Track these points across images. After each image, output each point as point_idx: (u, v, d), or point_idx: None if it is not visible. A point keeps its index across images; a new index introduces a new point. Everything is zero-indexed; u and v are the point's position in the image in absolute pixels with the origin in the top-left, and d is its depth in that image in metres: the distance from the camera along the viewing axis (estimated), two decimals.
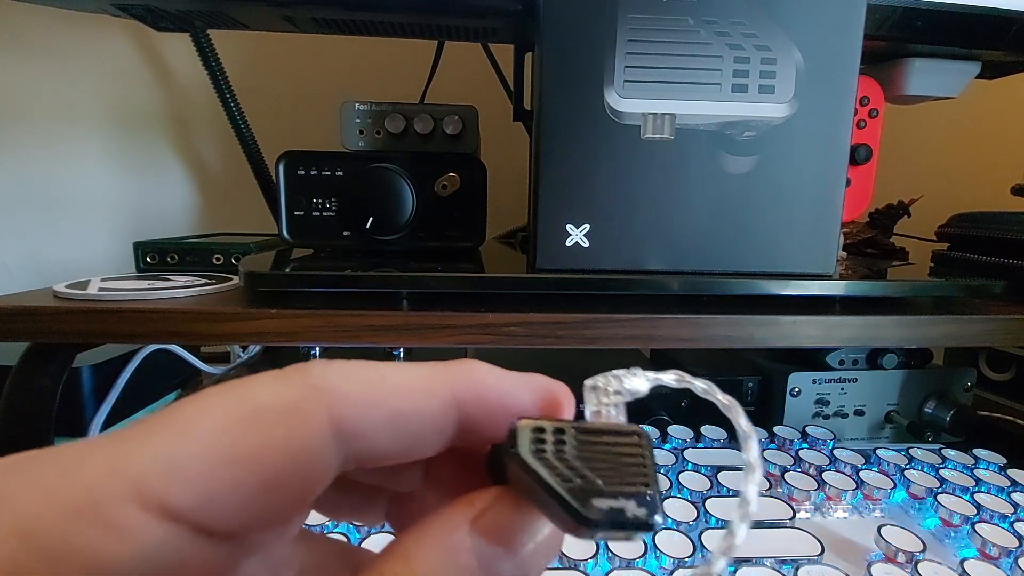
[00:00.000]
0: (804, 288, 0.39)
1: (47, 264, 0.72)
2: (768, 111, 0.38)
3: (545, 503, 0.12)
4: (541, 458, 0.12)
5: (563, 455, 0.12)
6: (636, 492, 0.12)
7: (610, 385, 0.14)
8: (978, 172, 0.79)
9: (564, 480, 0.11)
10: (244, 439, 0.12)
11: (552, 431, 0.12)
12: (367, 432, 0.13)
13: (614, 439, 0.12)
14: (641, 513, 0.11)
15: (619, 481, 0.12)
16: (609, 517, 0.11)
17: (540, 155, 0.38)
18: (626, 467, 0.12)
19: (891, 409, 0.53)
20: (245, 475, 0.12)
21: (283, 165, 0.45)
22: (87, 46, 0.69)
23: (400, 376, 0.14)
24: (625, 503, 0.11)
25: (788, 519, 0.38)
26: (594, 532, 0.11)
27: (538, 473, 0.11)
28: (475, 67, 0.60)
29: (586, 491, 0.11)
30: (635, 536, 0.12)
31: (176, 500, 0.11)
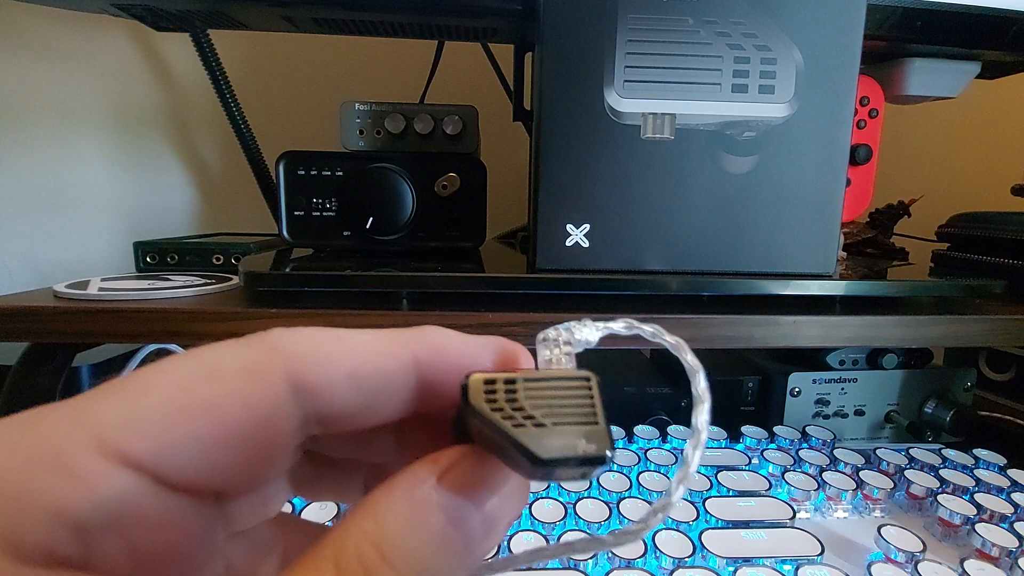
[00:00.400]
0: (804, 288, 0.39)
1: (47, 264, 0.72)
2: (768, 111, 0.38)
3: (503, 450, 0.12)
4: (493, 407, 0.12)
5: (515, 403, 0.12)
6: (585, 429, 0.12)
7: (560, 336, 0.14)
8: (978, 172, 0.79)
9: (516, 424, 0.12)
10: (200, 392, 0.12)
11: (502, 381, 0.13)
12: (325, 389, 0.13)
13: (563, 383, 0.13)
14: (591, 448, 0.12)
15: (569, 421, 0.12)
16: (560, 453, 0.12)
17: (540, 155, 0.38)
18: (576, 408, 0.12)
19: (891, 409, 0.53)
20: (202, 426, 0.12)
21: (283, 165, 0.45)
22: (87, 46, 0.69)
23: (358, 338, 0.14)
24: (575, 440, 0.12)
25: (788, 519, 0.38)
26: (549, 470, 0.12)
27: (490, 420, 0.12)
28: (475, 67, 0.60)
29: (537, 433, 0.12)
30: (590, 472, 0.12)
31: (135, 448, 0.11)
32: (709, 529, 0.36)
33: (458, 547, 0.12)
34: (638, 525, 0.13)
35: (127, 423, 0.12)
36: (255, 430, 0.13)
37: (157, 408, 0.12)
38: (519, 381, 0.13)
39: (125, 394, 0.12)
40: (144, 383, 0.12)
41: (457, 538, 0.12)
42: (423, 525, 0.12)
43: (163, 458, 0.12)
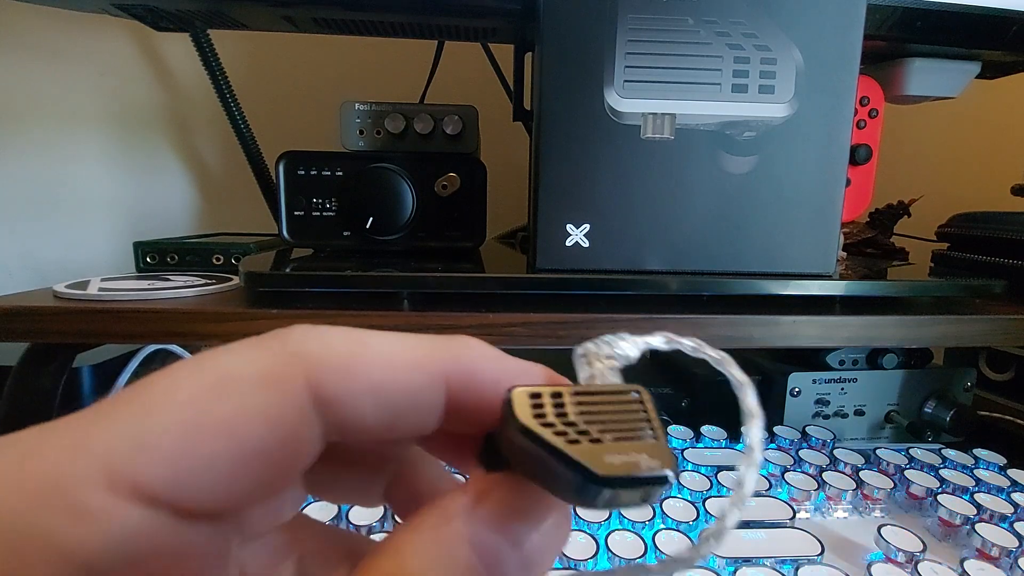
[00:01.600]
0: (804, 288, 0.39)
1: (47, 264, 0.72)
2: (768, 111, 0.38)
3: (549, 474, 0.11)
4: (542, 423, 0.11)
5: (564, 417, 0.11)
6: (645, 446, 0.11)
7: (601, 350, 0.13)
8: (978, 172, 0.79)
9: (569, 440, 0.11)
10: (216, 408, 0.11)
11: (549, 395, 0.11)
12: (348, 402, 0.12)
13: (614, 398, 0.12)
14: (655, 465, 0.11)
15: (626, 435, 0.11)
16: (622, 472, 0.10)
17: (540, 155, 0.38)
18: (631, 421, 0.11)
19: (891, 409, 0.53)
20: (220, 446, 0.11)
21: (283, 165, 0.45)
22: (87, 46, 0.69)
23: (385, 345, 0.12)
24: (637, 456, 0.11)
25: (788, 519, 0.38)
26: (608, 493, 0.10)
27: (540, 436, 0.11)
28: (475, 67, 0.60)
29: (593, 449, 0.10)
30: (651, 495, 0.11)
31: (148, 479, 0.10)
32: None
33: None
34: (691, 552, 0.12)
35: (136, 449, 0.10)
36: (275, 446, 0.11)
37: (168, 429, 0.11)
38: (566, 395, 0.11)
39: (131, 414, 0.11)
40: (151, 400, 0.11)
41: None
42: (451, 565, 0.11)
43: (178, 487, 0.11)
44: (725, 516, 0.12)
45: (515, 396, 0.11)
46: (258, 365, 0.12)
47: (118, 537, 0.10)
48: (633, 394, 0.12)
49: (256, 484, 0.12)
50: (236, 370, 0.11)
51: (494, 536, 0.11)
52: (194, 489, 0.11)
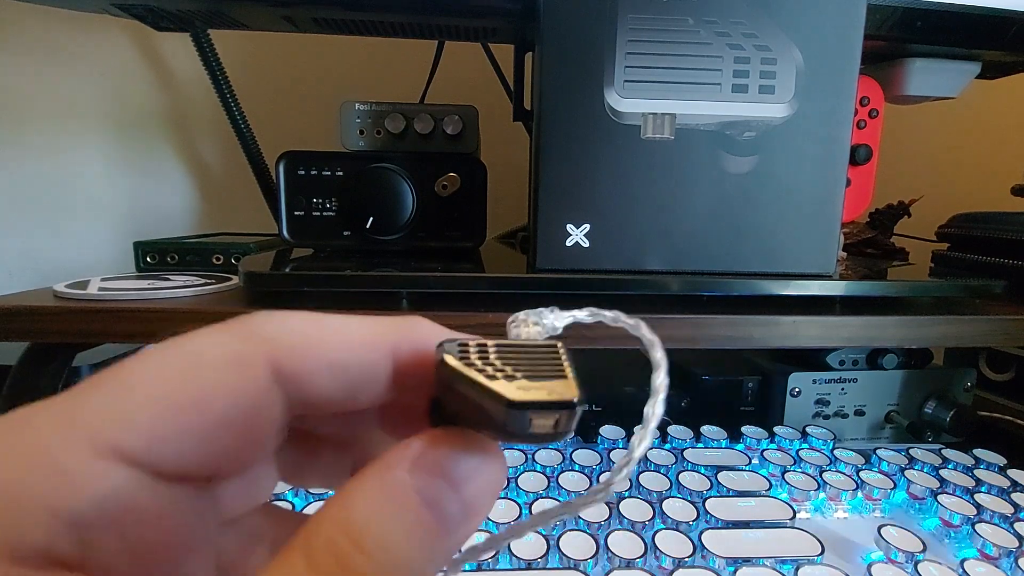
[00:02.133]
0: (804, 288, 0.39)
1: (47, 264, 0.72)
2: (768, 111, 0.38)
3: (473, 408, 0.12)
4: (466, 363, 0.12)
5: (486, 360, 0.13)
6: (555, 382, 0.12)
7: (530, 318, 0.16)
8: (978, 172, 0.79)
9: (488, 376, 0.12)
10: (187, 387, 0.12)
11: (475, 344, 0.13)
12: (306, 378, 0.13)
13: (534, 348, 0.14)
14: (559, 391, 0.12)
15: (540, 375, 0.12)
16: (530, 397, 0.12)
17: (540, 155, 0.38)
18: (545, 366, 0.13)
19: (891, 409, 0.53)
20: (191, 419, 0.12)
21: (283, 165, 0.45)
22: (87, 46, 0.69)
23: (340, 326, 0.14)
24: (547, 385, 0.12)
25: (788, 519, 0.38)
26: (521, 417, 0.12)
27: (463, 373, 0.12)
28: (475, 67, 0.60)
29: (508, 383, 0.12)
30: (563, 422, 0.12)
31: (128, 443, 0.11)
32: (709, 529, 0.36)
33: (436, 531, 0.12)
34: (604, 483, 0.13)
35: (118, 419, 0.12)
36: (241, 418, 0.13)
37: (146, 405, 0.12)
38: (490, 345, 0.13)
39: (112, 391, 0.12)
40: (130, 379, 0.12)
41: (434, 521, 0.12)
42: (397, 509, 0.12)
43: (155, 451, 0.12)
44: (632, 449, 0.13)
45: (446, 345, 0.13)
46: (223, 347, 0.13)
47: (102, 495, 0.11)
48: (551, 346, 0.14)
49: (227, 451, 0.13)
50: (205, 352, 0.13)
51: (436, 480, 0.12)
52: (170, 453, 0.12)
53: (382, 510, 0.12)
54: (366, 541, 0.11)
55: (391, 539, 0.11)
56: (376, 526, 0.11)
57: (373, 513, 0.11)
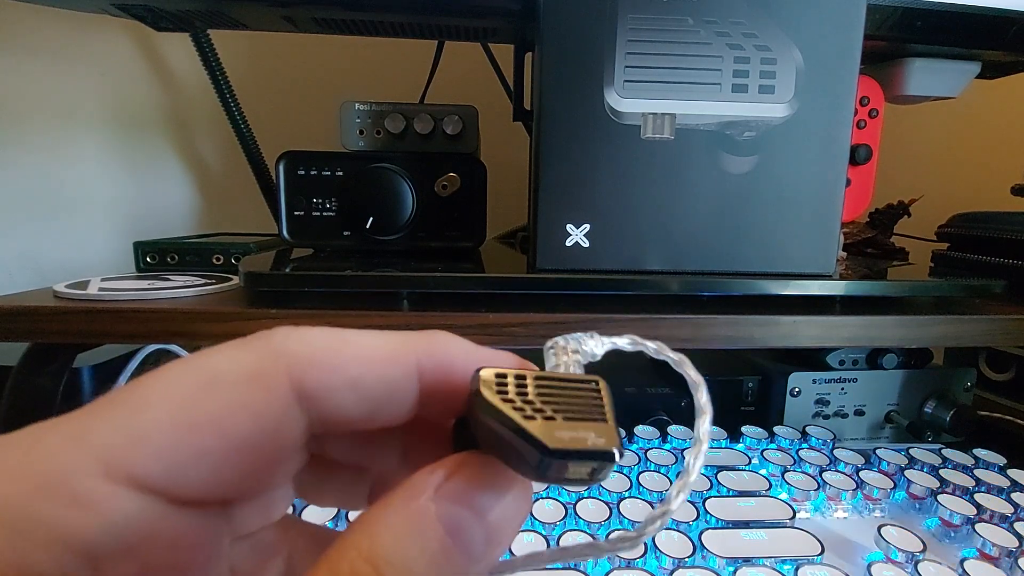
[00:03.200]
0: (804, 288, 0.39)
1: (47, 264, 0.72)
2: (768, 111, 0.38)
3: (507, 447, 0.12)
4: (504, 399, 0.12)
5: (525, 396, 0.12)
6: (595, 426, 0.12)
7: (569, 345, 0.15)
8: (978, 172, 0.79)
9: (525, 416, 0.12)
10: (205, 405, 0.12)
11: (514, 376, 0.12)
12: (329, 396, 0.13)
13: (574, 384, 0.13)
14: (601, 442, 0.12)
15: (579, 417, 0.12)
16: (569, 445, 0.11)
17: (540, 155, 0.38)
18: (585, 407, 0.12)
19: (891, 409, 0.53)
20: (209, 441, 0.12)
21: (283, 165, 0.45)
22: (87, 46, 0.69)
23: (364, 342, 0.13)
24: (585, 434, 0.12)
25: (788, 519, 0.38)
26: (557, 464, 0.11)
27: (499, 410, 0.12)
28: (475, 67, 0.60)
29: (546, 425, 0.12)
30: (598, 471, 0.12)
31: (143, 470, 0.11)
32: (709, 529, 0.36)
33: (459, 560, 0.12)
34: (636, 532, 0.13)
35: (132, 443, 0.11)
36: (262, 439, 0.12)
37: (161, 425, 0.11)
38: (529, 378, 0.12)
39: (127, 411, 0.12)
40: (145, 397, 0.12)
41: (457, 550, 0.12)
42: (420, 538, 0.11)
43: (171, 477, 0.11)
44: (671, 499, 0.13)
45: (482, 375, 0.12)
46: (244, 364, 0.12)
47: (115, 523, 0.11)
48: (592, 383, 0.13)
49: (245, 475, 0.12)
50: (223, 369, 0.12)
51: (460, 509, 0.12)
52: (187, 479, 0.12)
53: (406, 539, 0.11)
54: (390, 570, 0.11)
55: (415, 568, 0.11)
56: (400, 555, 0.11)
57: (397, 542, 0.11)
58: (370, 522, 0.12)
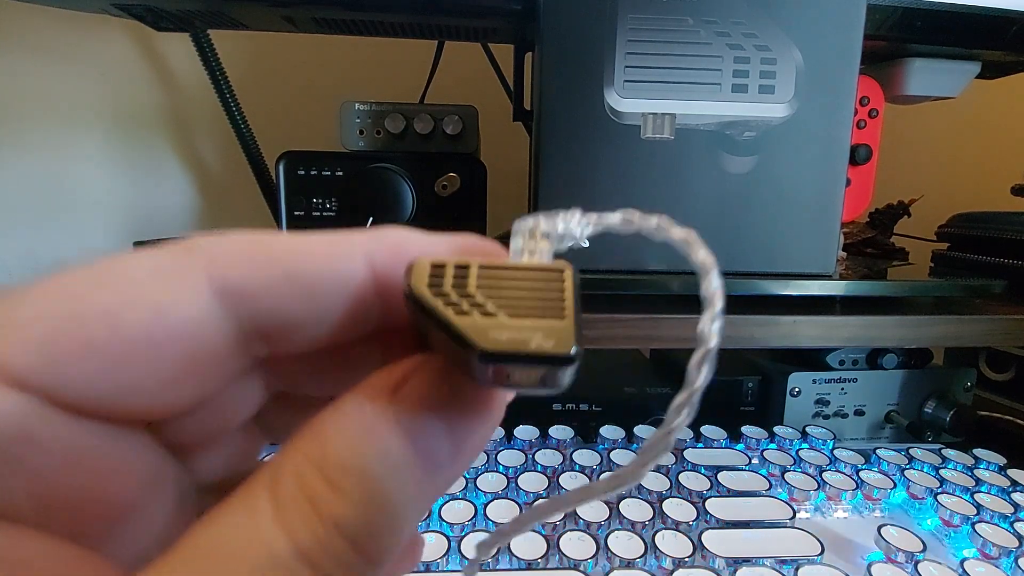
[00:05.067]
0: (804, 288, 0.39)
1: (47, 264, 0.72)
2: (768, 111, 0.38)
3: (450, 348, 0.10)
4: (436, 292, 0.10)
5: (463, 289, 0.10)
6: (545, 324, 0.10)
7: (539, 227, 0.12)
8: (978, 172, 0.79)
9: (458, 311, 0.10)
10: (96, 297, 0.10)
11: (454, 266, 0.10)
12: (259, 293, 0.11)
13: (529, 274, 0.11)
14: (548, 344, 0.10)
15: (527, 312, 0.10)
16: (507, 347, 0.09)
17: (540, 155, 0.38)
18: (539, 301, 0.10)
19: (891, 409, 0.53)
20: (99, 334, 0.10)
21: (283, 165, 0.45)
22: (87, 46, 0.69)
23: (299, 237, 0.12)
24: (530, 334, 0.10)
25: (788, 519, 0.38)
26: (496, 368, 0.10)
27: (428, 305, 0.10)
28: (475, 67, 0.60)
29: (483, 323, 0.10)
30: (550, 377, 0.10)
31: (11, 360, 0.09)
32: (709, 529, 0.36)
33: (419, 469, 0.10)
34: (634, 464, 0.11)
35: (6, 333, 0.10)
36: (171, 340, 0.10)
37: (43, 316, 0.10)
38: (473, 267, 0.10)
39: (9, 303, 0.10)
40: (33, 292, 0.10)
41: (418, 458, 0.10)
42: (376, 443, 0.10)
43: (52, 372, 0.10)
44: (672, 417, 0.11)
45: (416, 265, 0.11)
46: (151, 260, 0.11)
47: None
48: (555, 273, 0.11)
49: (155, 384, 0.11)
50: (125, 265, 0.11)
51: (421, 413, 0.10)
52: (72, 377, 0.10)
53: (361, 444, 0.10)
54: (343, 479, 0.10)
55: (370, 475, 0.10)
56: (352, 461, 0.10)
57: (349, 446, 0.10)
58: (320, 427, 0.10)
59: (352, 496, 0.10)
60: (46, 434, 0.10)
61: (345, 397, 0.11)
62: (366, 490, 0.10)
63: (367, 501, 0.10)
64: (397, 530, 0.10)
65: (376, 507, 0.10)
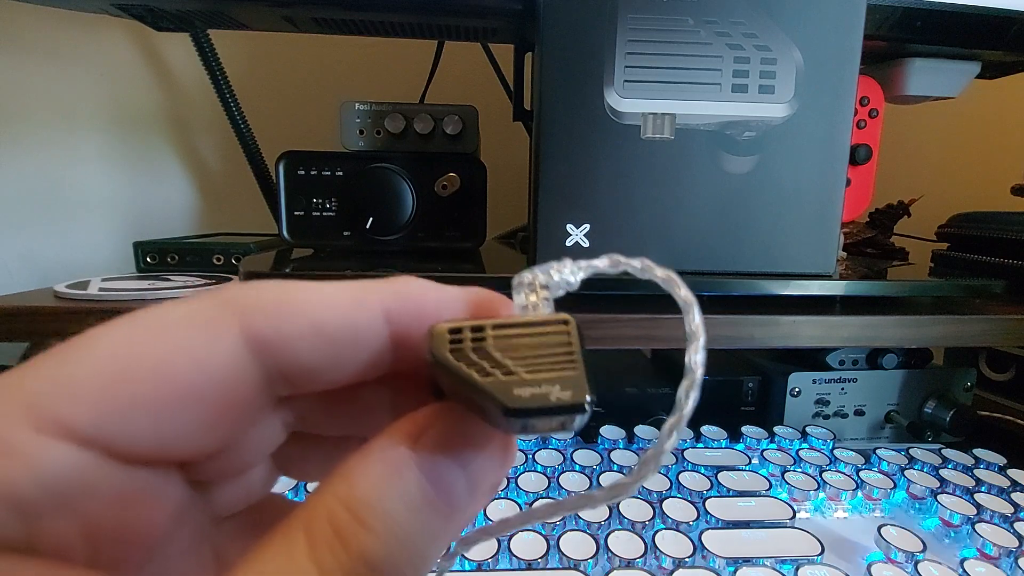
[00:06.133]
0: (804, 288, 0.39)
1: (47, 264, 0.72)
2: (768, 111, 0.38)
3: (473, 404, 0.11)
4: (458, 357, 0.11)
5: (482, 351, 0.11)
6: (560, 376, 0.11)
7: (537, 279, 0.13)
8: (978, 172, 0.79)
9: (482, 373, 0.11)
10: (144, 351, 0.11)
11: (469, 329, 0.11)
12: (287, 344, 0.12)
13: (538, 329, 0.12)
14: (565, 396, 0.11)
15: (541, 368, 0.11)
16: (531, 403, 0.11)
17: (540, 155, 0.38)
18: (550, 355, 0.11)
19: (891, 409, 0.53)
20: (147, 388, 0.11)
21: (283, 165, 0.45)
22: (87, 46, 0.69)
23: (323, 288, 0.13)
24: (549, 388, 0.11)
25: (788, 519, 0.38)
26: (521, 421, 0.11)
27: (454, 371, 0.11)
28: (475, 67, 0.60)
29: (506, 382, 0.11)
30: (569, 422, 0.11)
31: (73, 418, 0.10)
32: (709, 529, 0.36)
33: (440, 508, 0.11)
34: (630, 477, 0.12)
35: (61, 390, 0.11)
36: (209, 390, 0.11)
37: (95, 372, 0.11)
38: (488, 328, 0.11)
39: (61, 360, 0.11)
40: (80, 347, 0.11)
41: (439, 499, 0.11)
42: (401, 485, 0.11)
43: (106, 426, 0.11)
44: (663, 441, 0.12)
45: (435, 332, 0.11)
46: (189, 312, 0.12)
47: (46, 474, 0.10)
48: (559, 324, 0.12)
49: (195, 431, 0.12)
50: (166, 318, 0.12)
51: (440, 457, 0.11)
52: (123, 430, 0.11)
53: (386, 486, 0.11)
54: (369, 517, 0.11)
55: (396, 515, 0.11)
56: (380, 502, 0.11)
57: (376, 489, 0.11)
58: (348, 470, 0.11)
59: (377, 532, 0.11)
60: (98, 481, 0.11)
61: (372, 443, 0.12)
62: (390, 526, 0.11)
63: (391, 536, 0.11)
64: (418, 561, 0.11)
65: (399, 541, 0.11)
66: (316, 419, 0.15)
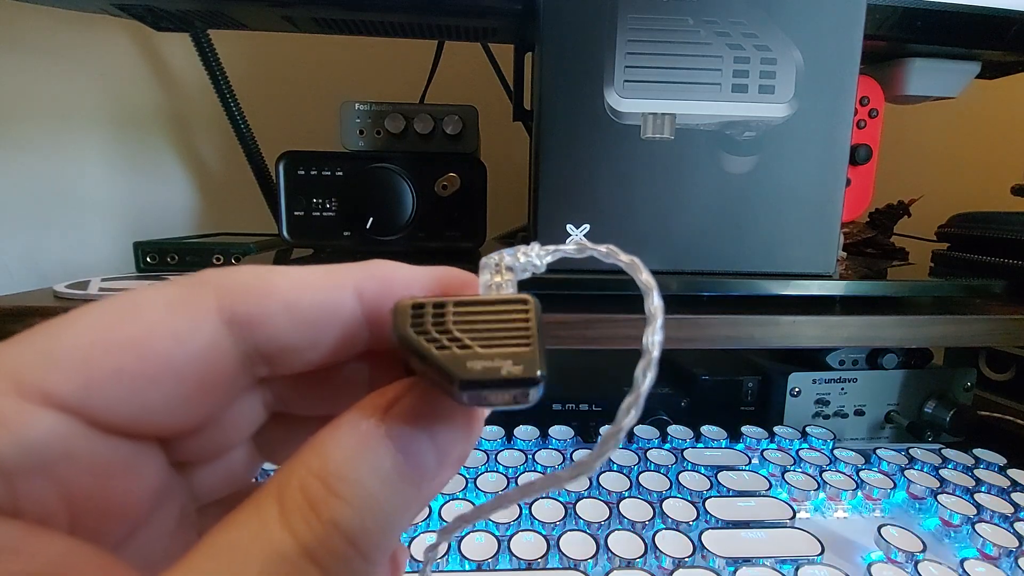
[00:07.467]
0: (804, 288, 0.39)
1: (47, 264, 0.72)
2: (768, 111, 0.38)
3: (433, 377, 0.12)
4: (418, 331, 0.12)
5: (441, 326, 0.12)
6: (513, 352, 0.11)
7: (503, 261, 0.14)
8: (978, 172, 0.79)
9: (439, 347, 0.11)
10: (124, 328, 0.12)
11: (431, 306, 0.12)
12: (262, 322, 0.12)
13: (498, 307, 0.12)
14: (516, 370, 0.11)
15: (497, 344, 0.12)
16: (482, 375, 0.11)
17: (540, 155, 0.38)
18: (507, 332, 0.12)
19: (891, 409, 0.53)
20: (127, 361, 0.11)
21: (283, 165, 0.45)
22: (87, 46, 0.69)
23: (297, 271, 0.13)
24: (501, 362, 0.11)
25: (788, 519, 0.38)
26: (473, 393, 0.11)
27: (413, 344, 0.11)
28: (475, 67, 0.60)
29: (461, 355, 0.11)
30: (521, 396, 0.12)
31: (56, 387, 0.11)
32: (709, 529, 0.36)
33: (410, 478, 0.12)
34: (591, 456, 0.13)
35: (45, 361, 0.11)
36: (188, 365, 0.12)
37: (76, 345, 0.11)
38: (449, 305, 0.12)
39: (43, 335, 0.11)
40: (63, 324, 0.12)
41: (408, 468, 0.12)
42: (372, 455, 0.11)
43: (88, 396, 0.11)
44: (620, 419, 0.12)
45: (398, 307, 0.12)
46: (167, 293, 0.12)
47: (29, 440, 0.11)
48: (519, 303, 0.12)
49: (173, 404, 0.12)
50: (145, 298, 0.12)
51: (409, 429, 0.12)
52: (104, 399, 0.11)
53: (357, 457, 0.11)
54: (341, 486, 0.11)
55: (367, 484, 0.11)
56: (350, 471, 0.11)
57: (348, 460, 0.11)
58: (320, 443, 0.12)
59: (350, 500, 0.11)
60: (80, 449, 0.11)
61: (343, 416, 0.12)
62: (362, 495, 0.11)
63: (363, 504, 0.11)
64: (390, 530, 0.11)
65: (371, 509, 0.11)
66: (297, 400, 0.15)
